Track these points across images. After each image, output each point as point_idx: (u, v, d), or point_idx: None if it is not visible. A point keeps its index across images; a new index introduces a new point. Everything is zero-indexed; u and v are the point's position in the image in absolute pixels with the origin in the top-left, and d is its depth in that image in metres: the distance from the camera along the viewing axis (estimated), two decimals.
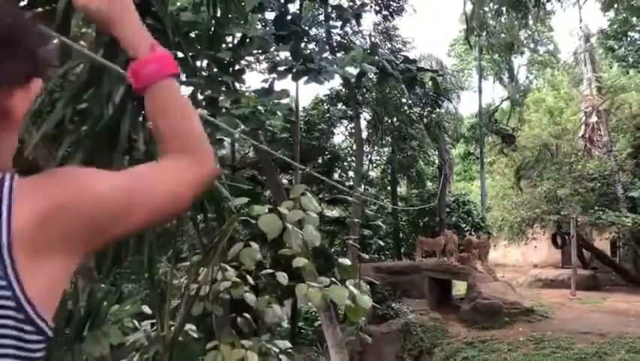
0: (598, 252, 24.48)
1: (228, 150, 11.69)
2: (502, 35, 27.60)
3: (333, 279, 3.71)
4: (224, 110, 4.47)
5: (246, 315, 3.85)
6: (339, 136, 24.30)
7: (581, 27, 25.63)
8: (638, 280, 22.62)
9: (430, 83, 10.57)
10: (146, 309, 3.45)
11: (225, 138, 4.59)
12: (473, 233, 22.24)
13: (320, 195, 18.95)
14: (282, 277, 3.58)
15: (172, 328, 3.14)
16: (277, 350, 3.54)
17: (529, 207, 22.74)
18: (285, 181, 17.76)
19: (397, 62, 7.46)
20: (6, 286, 0.72)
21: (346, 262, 4.01)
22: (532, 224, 23.84)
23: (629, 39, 25.91)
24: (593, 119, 23.83)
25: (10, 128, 0.82)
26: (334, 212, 21.58)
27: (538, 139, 23.31)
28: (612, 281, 23.31)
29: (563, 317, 15.26)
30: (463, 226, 23.34)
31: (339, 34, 13.28)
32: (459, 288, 19.67)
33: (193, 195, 0.97)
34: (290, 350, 3.66)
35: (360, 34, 17.04)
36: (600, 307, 16.77)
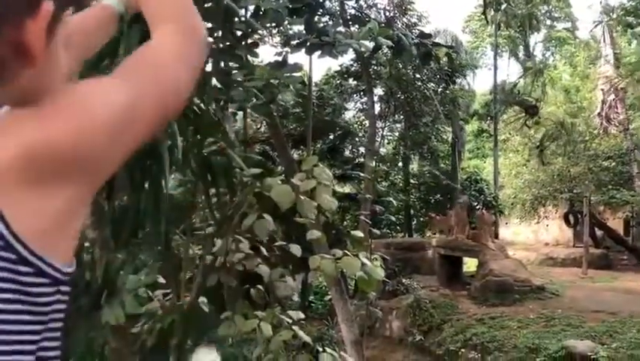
0: (611, 231, 24.34)
1: (240, 124, 11.63)
2: (519, 12, 27.15)
3: (346, 251, 3.74)
4: (236, 83, 4.45)
5: (259, 287, 3.90)
6: (351, 111, 24.20)
7: (601, 1, 25.15)
8: None
9: (445, 58, 10.44)
10: (161, 280, 3.50)
11: (238, 112, 4.59)
12: (484, 211, 22.18)
13: (331, 171, 18.93)
14: (296, 249, 3.61)
15: (186, 298, 3.19)
16: (290, 321, 3.59)
17: (542, 185, 22.63)
18: (296, 157, 17.75)
19: (412, 36, 7.36)
20: None
21: (358, 233, 4.03)
22: (544, 202, 23.73)
23: None
24: (611, 96, 23.52)
25: (32, 66, 0.72)
26: (345, 189, 21.59)
27: (554, 116, 23.09)
28: (624, 260, 23.24)
29: (573, 296, 15.27)
30: (475, 204, 23.28)
31: (354, 7, 13.13)
32: (469, 265, 19.71)
33: (191, 71, 0.85)
34: (303, 322, 3.71)
35: (374, 8, 16.84)
36: (612, 286, 16.75)
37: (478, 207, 22.94)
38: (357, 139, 22.61)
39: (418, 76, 20.11)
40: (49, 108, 0.71)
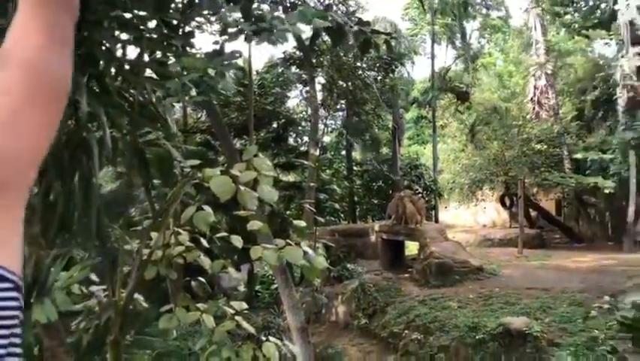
0: (544, 212, 25.38)
1: (180, 114, 11.44)
2: None
3: (289, 241, 3.72)
4: (173, 75, 4.34)
5: (201, 279, 3.84)
6: (294, 100, 24.16)
7: None
8: (581, 237, 23.72)
9: (384, 46, 10.51)
10: (97, 276, 3.40)
11: (176, 104, 4.49)
12: (425, 196, 22.66)
13: (275, 161, 18.92)
14: (237, 240, 3.57)
15: (124, 294, 3.10)
16: (233, 312, 3.56)
17: (479, 169, 23.28)
18: (240, 146, 17.60)
19: (351, 24, 7.38)
20: None
21: (301, 223, 4.02)
22: (481, 186, 24.51)
23: (575, 5, 26.44)
24: (542, 82, 24.41)
25: None
26: (290, 177, 21.61)
27: (488, 102, 23.76)
28: (557, 239, 24.32)
29: (510, 275, 15.85)
30: (415, 188, 23.76)
31: None
32: (411, 249, 20.13)
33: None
34: (246, 311, 3.69)
35: None
36: (545, 264, 17.47)
37: (418, 191, 23.42)
38: (300, 128, 22.63)
39: (358, 64, 20.26)
40: None
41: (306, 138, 22.23)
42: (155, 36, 4.22)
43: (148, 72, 3.53)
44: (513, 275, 15.76)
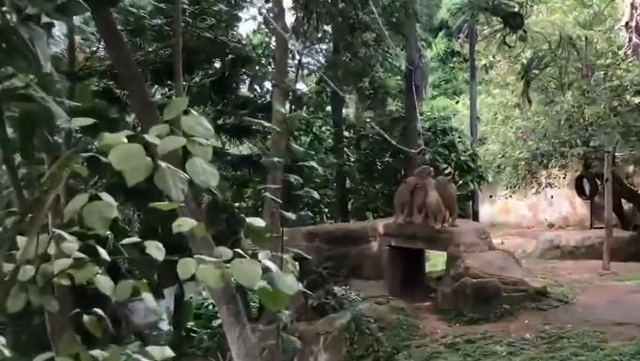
0: None
1: (63, 46, 11.24)
2: None
3: (240, 250, 3.74)
4: None
5: (99, 311, 3.83)
6: (248, 25, 24.00)
7: None
8: None
9: None
10: None
11: (57, 23, 4.44)
12: (457, 178, 22.67)
13: (219, 121, 18.84)
14: (155, 249, 3.55)
15: None
16: None
17: (543, 136, 23.21)
18: (160, 97, 17.48)
19: None
20: None
21: (259, 222, 4.02)
22: (546, 162, 24.46)
23: None
24: None
25: None
26: (242, 148, 21.55)
27: (559, 28, 23.62)
28: None
29: (589, 302, 16.02)
30: (443, 166, 23.73)
31: None
32: (435, 262, 20.22)
33: None
34: None
35: None
36: None
37: (447, 170, 23.36)
38: (258, 69, 22.49)
39: None
40: None
41: (268, 85, 22.14)
42: None
43: None
44: (594, 303, 15.93)
